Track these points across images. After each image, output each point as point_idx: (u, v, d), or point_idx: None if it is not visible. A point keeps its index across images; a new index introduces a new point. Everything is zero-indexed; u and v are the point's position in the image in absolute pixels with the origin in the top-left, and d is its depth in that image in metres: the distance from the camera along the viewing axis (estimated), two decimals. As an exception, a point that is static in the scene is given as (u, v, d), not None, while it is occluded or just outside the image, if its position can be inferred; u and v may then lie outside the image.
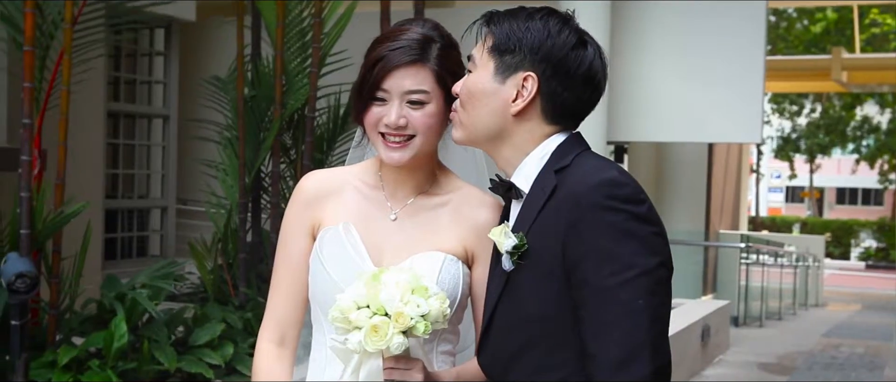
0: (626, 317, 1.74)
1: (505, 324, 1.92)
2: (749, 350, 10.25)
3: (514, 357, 1.90)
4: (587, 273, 1.78)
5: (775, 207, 43.66)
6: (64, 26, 4.88)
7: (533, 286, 1.86)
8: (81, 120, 5.95)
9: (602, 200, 1.79)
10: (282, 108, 6.18)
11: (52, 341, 4.82)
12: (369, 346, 1.87)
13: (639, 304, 1.75)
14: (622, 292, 1.75)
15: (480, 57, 1.97)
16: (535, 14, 1.95)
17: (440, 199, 2.15)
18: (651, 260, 1.78)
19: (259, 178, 6.59)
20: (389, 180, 2.14)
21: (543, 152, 1.94)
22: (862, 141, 33.16)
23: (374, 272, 1.94)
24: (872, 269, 28.87)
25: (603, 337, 1.75)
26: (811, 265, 16.98)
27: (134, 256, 8.73)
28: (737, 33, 8.77)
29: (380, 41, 2.09)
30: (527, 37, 1.92)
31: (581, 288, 1.79)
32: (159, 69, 9.03)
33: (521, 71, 1.92)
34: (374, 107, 2.06)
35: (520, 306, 1.89)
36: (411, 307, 1.87)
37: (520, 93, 1.93)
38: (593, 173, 1.84)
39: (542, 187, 1.90)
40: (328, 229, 2.10)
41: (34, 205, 4.69)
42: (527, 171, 1.95)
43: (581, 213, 1.79)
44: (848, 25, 27.58)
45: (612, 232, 1.77)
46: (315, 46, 6.06)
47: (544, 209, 1.86)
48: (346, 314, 1.90)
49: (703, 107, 8.91)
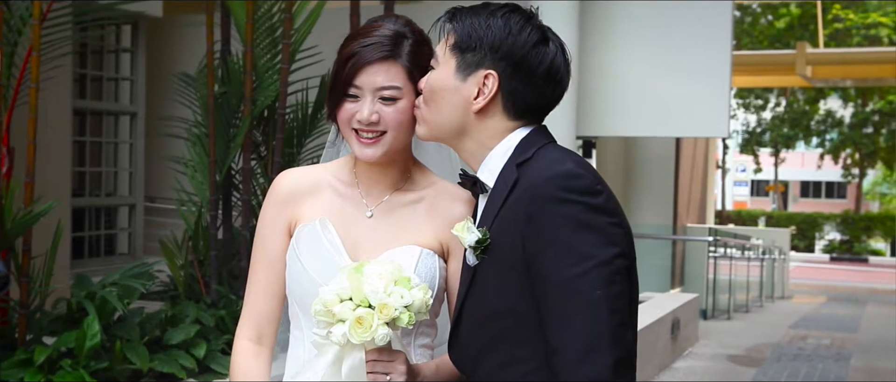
0: (584, 309, 1.74)
1: (472, 319, 1.93)
2: (718, 343, 10.34)
3: (483, 351, 1.91)
4: (545, 266, 1.78)
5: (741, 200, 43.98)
6: (32, 23, 4.83)
7: (497, 280, 1.87)
8: (48, 117, 5.89)
9: (557, 192, 1.79)
10: (252, 104, 6.15)
11: (22, 341, 4.77)
12: (354, 338, 1.87)
13: (597, 295, 1.74)
14: (580, 283, 1.74)
15: (443, 54, 1.98)
16: (497, 11, 1.95)
17: (415, 195, 2.17)
18: (609, 250, 1.77)
19: (229, 175, 6.56)
20: (364, 176, 2.15)
21: (507, 146, 1.95)
22: (826, 135, 33.50)
23: (356, 264, 1.94)
24: (837, 261, 29.18)
25: (562, 330, 1.75)
26: (777, 257, 17.14)
27: (102, 254, 8.65)
28: (704, 28, 8.84)
29: (352, 38, 2.10)
30: (487, 35, 1.92)
31: (539, 281, 1.79)
32: (126, 66, 8.95)
33: (481, 69, 1.93)
34: (346, 103, 2.06)
35: (485, 300, 1.89)
36: (395, 298, 1.88)
37: (481, 91, 1.93)
38: (550, 166, 1.85)
39: (504, 180, 1.90)
40: (304, 226, 2.11)
41: (3, 203, 4.64)
42: (491, 165, 1.96)
43: (537, 206, 1.80)
44: (811, 21, 27.85)
45: (569, 224, 1.77)
46: (285, 43, 6.04)
47: (505, 203, 1.87)
48: (329, 307, 1.90)
49: (670, 101, 8.97)
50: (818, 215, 33.43)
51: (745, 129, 35.02)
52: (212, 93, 6.24)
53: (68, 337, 4.61)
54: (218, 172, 6.23)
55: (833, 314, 14.16)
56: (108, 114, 8.87)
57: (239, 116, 6.33)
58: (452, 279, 2.13)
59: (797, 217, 33.43)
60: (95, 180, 8.83)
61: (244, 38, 6.14)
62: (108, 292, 4.79)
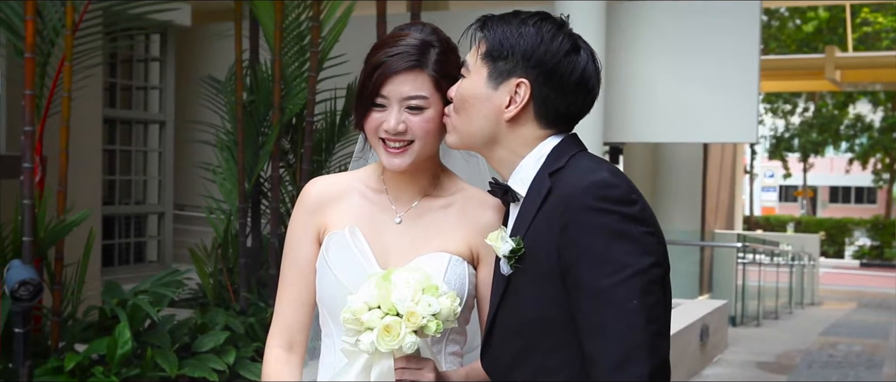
0: (620, 318, 1.74)
1: (505, 328, 1.92)
2: (747, 350, 10.27)
3: (516, 360, 1.90)
4: (580, 276, 1.78)
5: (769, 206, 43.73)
6: (65, 33, 4.88)
7: (532, 290, 1.86)
8: (79, 127, 5.95)
9: (592, 202, 1.79)
10: (280, 112, 6.19)
11: (54, 348, 4.82)
12: (382, 346, 1.87)
13: (633, 305, 1.74)
14: (616, 293, 1.74)
15: (474, 63, 1.97)
16: (528, 19, 1.94)
17: (444, 201, 2.17)
18: (644, 260, 1.77)
19: (258, 183, 6.59)
20: (393, 183, 2.16)
21: (539, 155, 1.94)
22: (855, 140, 33.23)
23: (384, 272, 1.95)
24: (867, 267, 28.90)
25: (598, 339, 1.75)
26: (806, 263, 17.00)
27: (131, 262, 8.72)
28: (731, 33, 8.80)
29: (378, 47, 2.10)
30: (520, 43, 1.92)
31: (575, 291, 1.79)
32: (155, 75, 9.02)
33: (513, 77, 1.92)
34: (373, 113, 2.07)
35: (520, 309, 1.89)
36: (423, 307, 1.87)
37: (512, 99, 1.93)
38: (584, 175, 1.84)
39: (537, 189, 1.90)
40: (334, 234, 2.11)
41: (36, 213, 4.69)
42: (523, 174, 1.95)
43: (572, 215, 1.79)
44: (840, 24, 27.66)
45: (604, 234, 1.77)
46: (313, 50, 6.07)
47: (539, 212, 1.86)
48: (357, 315, 1.90)
49: (698, 107, 8.93)
50: (848, 221, 33.14)
51: (774, 134, 34.79)
52: (240, 101, 6.27)
53: (100, 344, 4.65)
54: (247, 180, 6.27)
55: (863, 321, 14.02)
56: (138, 123, 8.95)
57: (267, 124, 6.37)
58: (483, 287, 2.13)
59: (826, 223, 33.15)
60: (125, 189, 8.91)
61: (272, 47, 6.17)
62: (140, 299, 4.83)
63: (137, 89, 8.98)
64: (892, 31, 27.60)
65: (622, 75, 8.87)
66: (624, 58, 8.88)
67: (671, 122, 9.07)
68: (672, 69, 8.90)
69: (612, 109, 8.75)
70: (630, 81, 8.94)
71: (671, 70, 8.89)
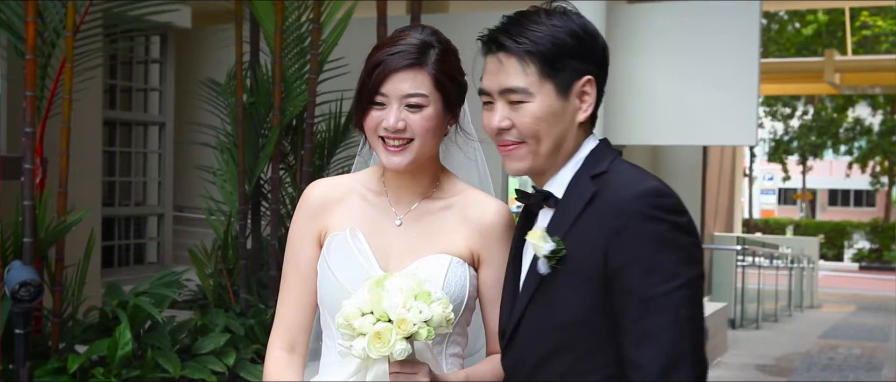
0: (670, 327, 1.76)
1: (535, 328, 1.92)
2: (747, 352, 10.27)
3: (543, 360, 1.91)
4: (631, 282, 1.79)
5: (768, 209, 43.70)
6: (66, 35, 4.88)
7: (570, 292, 1.86)
8: (79, 128, 5.95)
9: (647, 209, 1.80)
10: (281, 114, 6.19)
11: (55, 349, 4.82)
12: (372, 353, 1.89)
13: (682, 314, 1.77)
14: (667, 301, 1.77)
15: (533, 84, 1.90)
16: (552, 16, 1.92)
17: (444, 202, 2.17)
18: (693, 270, 1.80)
19: (258, 184, 6.59)
20: (393, 185, 2.16)
21: (577, 158, 1.95)
22: (854, 143, 33.24)
23: (378, 278, 1.95)
24: (866, 270, 28.91)
25: (647, 346, 1.77)
26: (806, 266, 17.00)
27: (131, 263, 8.71)
28: (731, 35, 8.79)
29: (379, 47, 2.11)
30: (567, 44, 1.90)
31: (623, 296, 1.80)
32: (155, 77, 9.02)
33: (577, 79, 1.92)
34: (373, 111, 2.07)
35: (553, 310, 1.89)
36: (414, 314, 1.88)
37: (583, 99, 1.93)
38: (635, 182, 1.85)
39: (578, 193, 1.90)
40: (335, 235, 2.12)
41: (37, 213, 4.69)
42: (560, 178, 1.96)
43: (625, 221, 1.80)
44: (839, 28, 27.68)
45: (656, 242, 1.78)
46: (313, 53, 6.07)
47: (583, 215, 1.86)
48: (350, 320, 1.92)
49: (697, 109, 8.92)
50: (847, 224, 33.15)
51: (773, 137, 34.80)
52: (240, 103, 6.27)
53: (100, 345, 4.65)
54: (247, 182, 6.27)
55: (863, 324, 14.03)
56: (137, 124, 8.95)
57: (268, 125, 6.37)
58: (485, 288, 2.13)
59: (825, 226, 33.16)
60: (125, 190, 8.90)
61: (272, 49, 6.17)
62: (141, 300, 4.83)
63: (137, 91, 8.98)
64: (891, 35, 27.62)
65: (621, 77, 8.86)
66: (623, 59, 8.87)
67: (670, 124, 9.06)
68: (671, 71, 8.89)
69: (610, 111, 8.74)
70: (629, 82, 8.94)
71: (670, 72, 8.89)
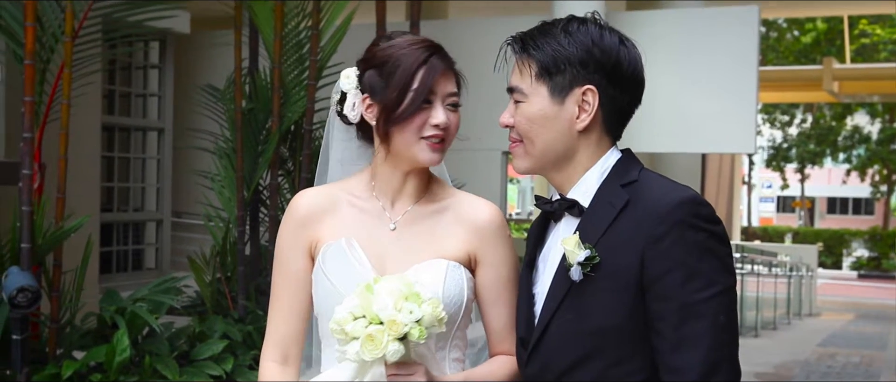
0: (710, 332, 1.79)
1: (565, 334, 1.92)
2: (745, 360, 10.18)
3: (573, 367, 1.91)
4: (671, 288, 1.81)
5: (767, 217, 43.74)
6: (64, 40, 4.88)
7: (602, 298, 1.87)
8: (78, 134, 5.94)
9: (688, 218, 1.82)
10: (279, 120, 6.18)
11: (52, 355, 4.80)
12: (366, 355, 1.90)
13: (721, 320, 1.80)
14: (706, 307, 1.79)
15: (529, 85, 1.95)
16: (568, 26, 1.94)
17: (436, 206, 2.17)
18: (730, 279, 1.83)
19: (257, 190, 6.58)
20: (387, 190, 2.15)
21: (603, 168, 1.96)
22: (853, 151, 33.26)
23: (367, 282, 1.96)
24: (865, 278, 28.88)
25: (686, 351, 1.79)
26: (804, 274, 17.00)
27: (129, 269, 8.70)
28: (730, 43, 8.81)
29: (400, 47, 2.09)
30: (573, 51, 1.91)
31: (662, 301, 1.82)
32: (154, 82, 9.02)
33: (577, 87, 1.92)
34: (421, 110, 2.06)
35: (584, 316, 1.89)
36: (404, 314, 1.89)
37: (582, 108, 1.93)
38: (674, 191, 1.87)
39: (609, 201, 1.90)
40: (330, 245, 2.11)
41: (35, 219, 4.68)
42: (586, 187, 1.96)
43: (666, 229, 1.82)
44: (838, 36, 27.72)
45: (697, 249, 1.81)
46: (312, 59, 6.07)
47: (616, 222, 1.87)
48: (342, 325, 1.92)
49: (696, 117, 8.94)
50: (845, 232, 33.12)
51: (771, 144, 34.83)
52: (239, 109, 6.27)
53: (98, 352, 4.64)
54: (246, 188, 6.26)
55: (862, 332, 14.01)
56: (136, 130, 8.94)
57: (266, 131, 6.36)
58: (483, 289, 2.13)
59: (824, 234, 33.13)
60: (123, 196, 8.89)
61: (271, 55, 6.18)
62: (138, 307, 4.82)
63: (136, 96, 8.98)
64: (889, 43, 27.66)
65: (621, 85, 8.86)
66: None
67: (670, 132, 9.07)
68: (671, 79, 8.90)
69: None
70: (629, 90, 8.93)
71: (670, 80, 8.89)
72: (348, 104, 2.16)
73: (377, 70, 2.09)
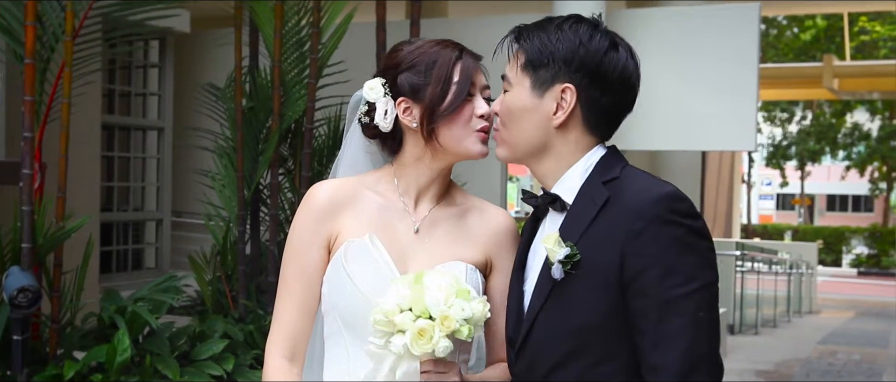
0: (689, 328, 1.78)
1: (549, 333, 1.91)
2: (746, 358, 10.26)
3: (558, 365, 1.90)
4: (649, 285, 1.80)
5: (766, 214, 43.75)
6: (65, 39, 4.87)
7: (584, 296, 1.87)
8: (78, 133, 5.93)
9: (665, 213, 1.81)
10: (280, 119, 6.17)
11: (53, 355, 4.79)
12: (415, 349, 1.88)
13: (700, 317, 1.79)
14: (686, 303, 1.78)
15: (515, 75, 1.98)
16: (563, 23, 1.95)
17: (456, 209, 2.16)
18: (710, 274, 1.82)
19: (257, 189, 6.57)
20: (411, 188, 2.13)
21: (587, 164, 1.96)
22: (852, 148, 33.25)
23: (416, 274, 1.94)
24: (864, 276, 28.89)
25: (665, 348, 1.78)
26: (804, 272, 16.99)
27: (129, 269, 8.69)
28: (730, 41, 8.79)
29: (427, 47, 2.09)
30: (559, 48, 1.92)
31: (641, 298, 1.81)
32: (154, 81, 9.00)
33: (557, 83, 1.93)
34: (466, 103, 2.07)
35: (568, 314, 1.89)
36: (456, 311, 1.88)
37: (559, 105, 1.94)
38: (653, 187, 1.87)
39: (591, 198, 1.90)
40: (352, 242, 2.06)
41: (35, 219, 4.67)
42: (569, 183, 1.96)
43: (643, 225, 1.81)
44: (837, 33, 27.72)
45: (675, 245, 1.80)
46: (313, 57, 6.06)
47: (597, 220, 1.87)
48: (389, 316, 1.90)
49: (696, 115, 8.92)
50: (845, 229, 33.12)
51: (771, 142, 34.82)
52: (239, 108, 6.26)
53: (99, 352, 4.63)
54: (246, 187, 6.25)
55: (862, 330, 14.02)
56: (136, 129, 8.93)
57: (267, 130, 6.35)
58: (497, 294, 2.12)
59: (824, 231, 33.13)
60: (123, 195, 8.89)
61: (272, 53, 6.16)
62: (139, 306, 4.81)
63: (136, 96, 8.97)
64: (889, 40, 27.66)
65: (621, 83, 8.85)
66: (623, 65, 8.86)
67: (670, 129, 9.06)
68: (671, 77, 8.88)
69: (610, 117, 8.72)
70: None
71: (670, 77, 8.88)
72: (379, 113, 2.10)
73: (412, 71, 2.07)
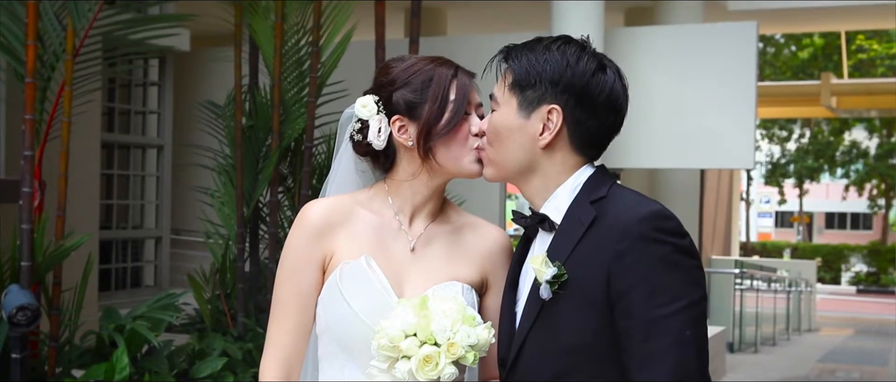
0: (675, 348, 1.76)
1: (538, 353, 1.91)
2: (745, 376, 10.23)
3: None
4: (635, 304, 1.78)
5: (765, 232, 43.70)
6: (65, 58, 4.88)
7: (572, 316, 1.86)
8: (78, 151, 5.94)
9: (650, 232, 1.80)
10: (279, 137, 6.18)
11: (51, 374, 4.78)
12: (420, 375, 1.87)
13: (687, 335, 1.77)
14: (671, 323, 1.77)
15: (502, 95, 1.98)
16: (552, 44, 1.95)
17: (451, 227, 2.14)
18: (696, 292, 1.80)
19: (257, 208, 6.58)
20: (406, 206, 2.11)
21: (575, 184, 1.96)
22: (851, 166, 33.28)
23: (421, 298, 1.93)
24: (864, 293, 28.86)
25: (651, 368, 1.77)
26: (804, 290, 16.98)
27: (128, 286, 8.68)
28: (728, 60, 8.82)
29: (422, 64, 2.08)
30: (546, 69, 1.92)
31: (627, 318, 1.79)
32: (154, 99, 9.02)
33: (544, 104, 1.93)
34: (462, 122, 2.06)
35: (556, 335, 1.88)
36: (461, 337, 1.88)
37: (545, 126, 1.93)
38: (638, 205, 1.86)
39: (578, 217, 1.90)
40: (348, 264, 2.03)
41: (35, 237, 4.67)
42: (558, 202, 1.96)
43: (629, 244, 1.80)
44: (835, 51, 27.78)
45: (660, 263, 1.79)
46: (312, 76, 6.07)
47: (583, 240, 1.86)
48: (395, 342, 1.88)
49: (694, 133, 8.94)
50: (844, 247, 33.11)
51: (769, 160, 34.84)
52: (239, 126, 6.27)
53: (97, 370, 4.62)
54: (245, 205, 6.25)
55: (861, 348, 13.99)
56: (136, 147, 8.94)
57: (266, 149, 6.36)
58: (489, 313, 2.11)
59: (823, 249, 33.12)
60: (122, 213, 8.89)
61: (271, 72, 6.18)
62: (138, 324, 4.80)
63: (136, 114, 8.98)
64: (887, 58, 27.72)
65: (619, 101, 8.86)
66: (621, 84, 8.88)
67: (668, 147, 9.08)
68: (669, 95, 8.91)
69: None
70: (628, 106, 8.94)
71: (668, 95, 8.91)
72: (372, 131, 2.08)
73: (407, 89, 2.06)
